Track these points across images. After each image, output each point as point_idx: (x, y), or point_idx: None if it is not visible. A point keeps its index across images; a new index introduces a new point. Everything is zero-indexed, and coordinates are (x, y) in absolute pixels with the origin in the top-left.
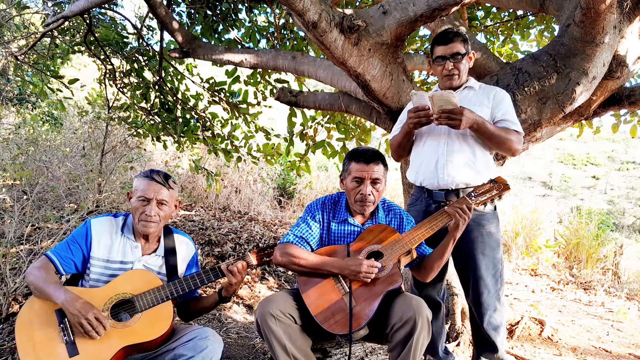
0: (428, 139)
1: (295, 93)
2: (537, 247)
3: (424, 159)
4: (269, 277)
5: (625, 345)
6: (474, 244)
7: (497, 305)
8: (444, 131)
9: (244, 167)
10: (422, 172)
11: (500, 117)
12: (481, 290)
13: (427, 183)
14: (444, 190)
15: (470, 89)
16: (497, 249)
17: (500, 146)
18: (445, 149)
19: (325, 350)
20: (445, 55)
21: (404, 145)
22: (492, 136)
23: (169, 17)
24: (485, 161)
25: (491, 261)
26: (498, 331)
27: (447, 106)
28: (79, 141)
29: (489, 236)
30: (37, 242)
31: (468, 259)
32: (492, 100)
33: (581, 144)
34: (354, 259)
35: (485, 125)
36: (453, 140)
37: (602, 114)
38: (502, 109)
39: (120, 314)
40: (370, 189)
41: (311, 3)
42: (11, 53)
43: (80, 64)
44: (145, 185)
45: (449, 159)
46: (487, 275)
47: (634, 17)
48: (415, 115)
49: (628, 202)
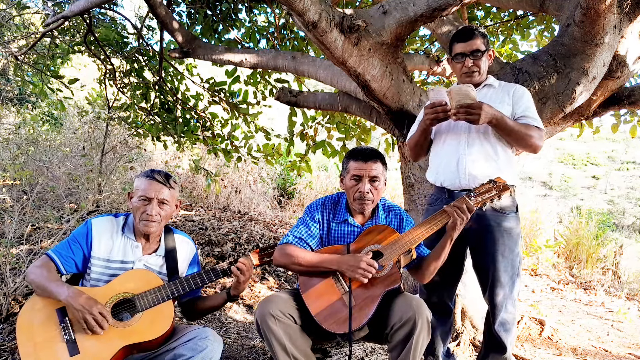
0: (448, 137)
1: (295, 93)
2: (537, 247)
3: (444, 158)
4: (269, 277)
5: (625, 345)
6: (494, 245)
7: (510, 307)
8: (464, 129)
9: (244, 167)
10: (443, 172)
11: (520, 114)
12: (497, 292)
13: (448, 183)
14: (465, 191)
15: (490, 87)
16: (516, 250)
17: (521, 142)
18: (466, 147)
19: (325, 350)
20: (465, 52)
21: (421, 144)
22: (512, 132)
23: (169, 17)
24: (507, 159)
25: (510, 263)
26: (509, 332)
27: (466, 100)
28: (79, 141)
29: (509, 237)
30: (37, 242)
31: (487, 260)
32: (512, 97)
33: (581, 144)
34: (353, 256)
35: (505, 120)
36: (474, 139)
37: (602, 114)
38: (523, 105)
39: (120, 314)
40: (368, 187)
41: (311, 3)
42: (11, 53)
43: (80, 64)
44: (147, 185)
45: (471, 158)
46: (505, 277)
47: (634, 17)
48: (433, 110)
49: (628, 202)
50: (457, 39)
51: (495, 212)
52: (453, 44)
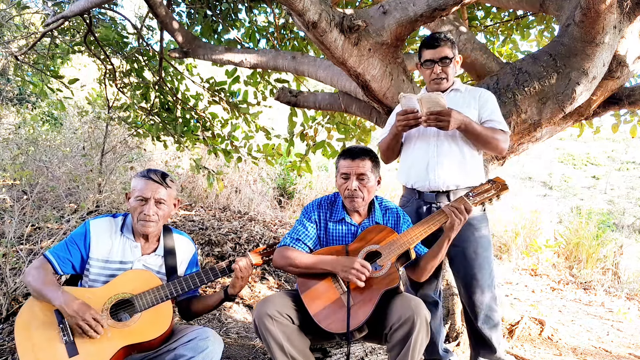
0: (418, 141)
1: (295, 93)
2: (537, 247)
3: (415, 161)
4: (269, 277)
5: (625, 345)
6: (466, 243)
7: (491, 304)
8: (434, 133)
9: (244, 167)
10: (413, 174)
11: (486, 117)
12: (474, 290)
13: (418, 185)
14: (434, 192)
15: (456, 92)
16: (489, 249)
17: (487, 145)
18: (436, 151)
19: (325, 350)
20: (433, 59)
21: (392, 148)
22: (480, 136)
23: (169, 17)
24: (475, 162)
25: (484, 260)
26: (494, 331)
27: (436, 108)
28: (79, 141)
29: (480, 236)
30: (37, 242)
31: (460, 259)
32: (478, 101)
33: (581, 144)
34: (348, 258)
35: (473, 125)
36: (442, 142)
37: (602, 114)
38: (488, 109)
39: (119, 314)
40: (356, 184)
41: (311, 3)
42: (11, 53)
43: (80, 64)
44: (143, 185)
45: (439, 160)
46: (481, 275)
47: (634, 17)
48: (404, 118)
49: (628, 202)
50: (426, 46)
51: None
52: (422, 50)
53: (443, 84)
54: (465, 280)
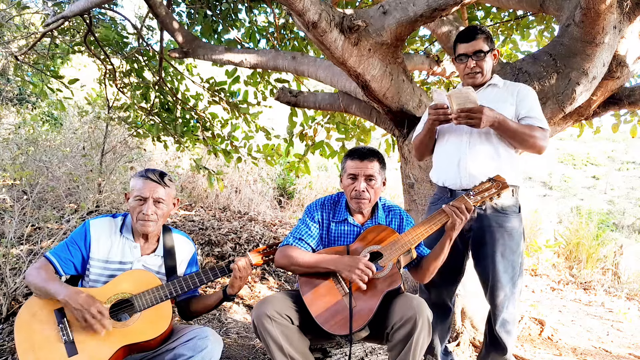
0: (450, 137)
1: (295, 93)
2: (537, 247)
3: (446, 158)
4: (269, 277)
5: (625, 346)
6: (495, 245)
7: (511, 307)
8: (466, 130)
9: (243, 167)
10: (444, 171)
11: (524, 114)
12: (497, 293)
13: (450, 183)
14: (466, 190)
15: (494, 87)
16: (517, 251)
17: (524, 143)
18: (467, 148)
19: (325, 350)
20: (467, 53)
21: (425, 143)
22: (515, 134)
23: (169, 17)
24: (510, 160)
25: (510, 264)
26: (510, 333)
27: (467, 104)
28: (79, 141)
29: (510, 238)
30: (37, 242)
31: (488, 261)
32: (516, 97)
33: (581, 144)
34: (351, 257)
35: (507, 122)
36: (475, 139)
37: (602, 114)
38: (527, 106)
39: (119, 314)
40: (364, 185)
41: (311, 3)
42: (11, 53)
43: (80, 64)
44: (141, 185)
45: (471, 158)
46: (505, 278)
47: (634, 17)
48: (434, 112)
49: (628, 202)
50: (460, 40)
51: (496, 212)
52: (456, 44)
53: (478, 78)
54: (491, 282)
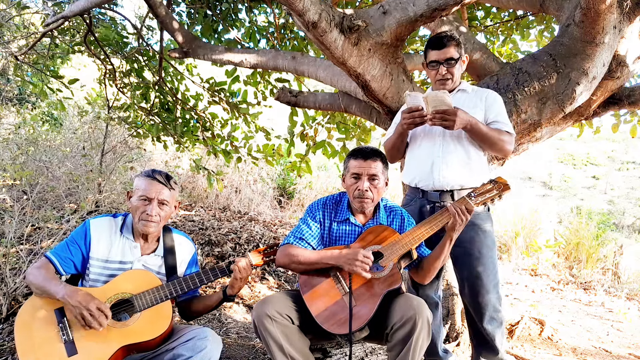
0: (423, 140)
1: (295, 93)
2: (537, 247)
3: (420, 160)
4: (269, 277)
5: (625, 346)
6: (471, 242)
7: (496, 305)
8: (439, 133)
9: (244, 167)
10: (418, 173)
11: (492, 119)
12: (478, 290)
13: (423, 184)
14: (438, 191)
15: (463, 92)
16: (494, 248)
17: (493, 147)
18: (441, 151)
19: (325, 350)
20: (439, 60)
21: (397, 147)
22: (485, 137)
23: (169, 17)
24: (480, 162)
25: (489, 260)
26: (497, 332)
27: (442, 106)
28: (79, 141)
29: (485, 235)
30: (37, 242)
31: (465, 259)
32: (485, 102)
33: (581, 144)
34: (351, 250)
35: (479, 126)
36: (448, 142)
37: (602, 114)
38: (495, 111)
39: (119, 314)
40: (367, 185)
41: (311, 3)
42: (11, 53)
43: (80, 64)
44: (147, 185)
45: (444, 160)
46: (485, 275)
47: (634, 17)
48: (410, 116)
49: (628, 202)
50: (431, 47)
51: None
52: (427, 50)
53: (448, 84)
54: (469, 280)
